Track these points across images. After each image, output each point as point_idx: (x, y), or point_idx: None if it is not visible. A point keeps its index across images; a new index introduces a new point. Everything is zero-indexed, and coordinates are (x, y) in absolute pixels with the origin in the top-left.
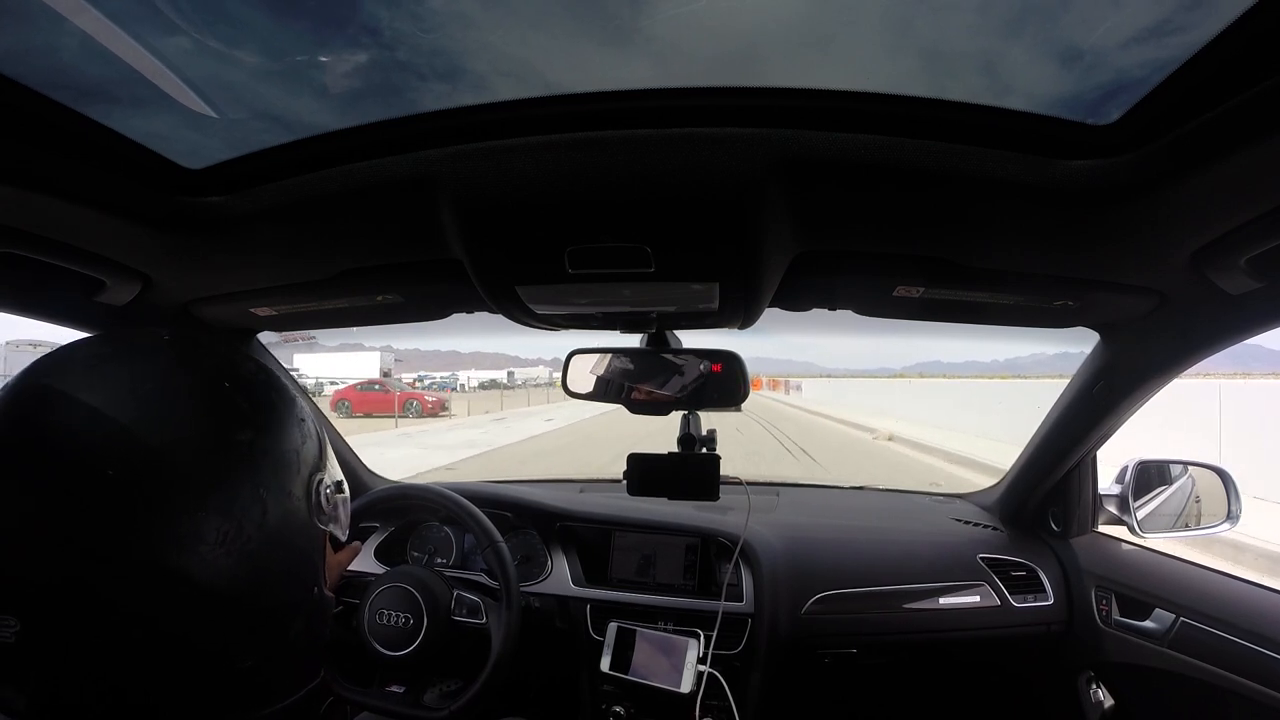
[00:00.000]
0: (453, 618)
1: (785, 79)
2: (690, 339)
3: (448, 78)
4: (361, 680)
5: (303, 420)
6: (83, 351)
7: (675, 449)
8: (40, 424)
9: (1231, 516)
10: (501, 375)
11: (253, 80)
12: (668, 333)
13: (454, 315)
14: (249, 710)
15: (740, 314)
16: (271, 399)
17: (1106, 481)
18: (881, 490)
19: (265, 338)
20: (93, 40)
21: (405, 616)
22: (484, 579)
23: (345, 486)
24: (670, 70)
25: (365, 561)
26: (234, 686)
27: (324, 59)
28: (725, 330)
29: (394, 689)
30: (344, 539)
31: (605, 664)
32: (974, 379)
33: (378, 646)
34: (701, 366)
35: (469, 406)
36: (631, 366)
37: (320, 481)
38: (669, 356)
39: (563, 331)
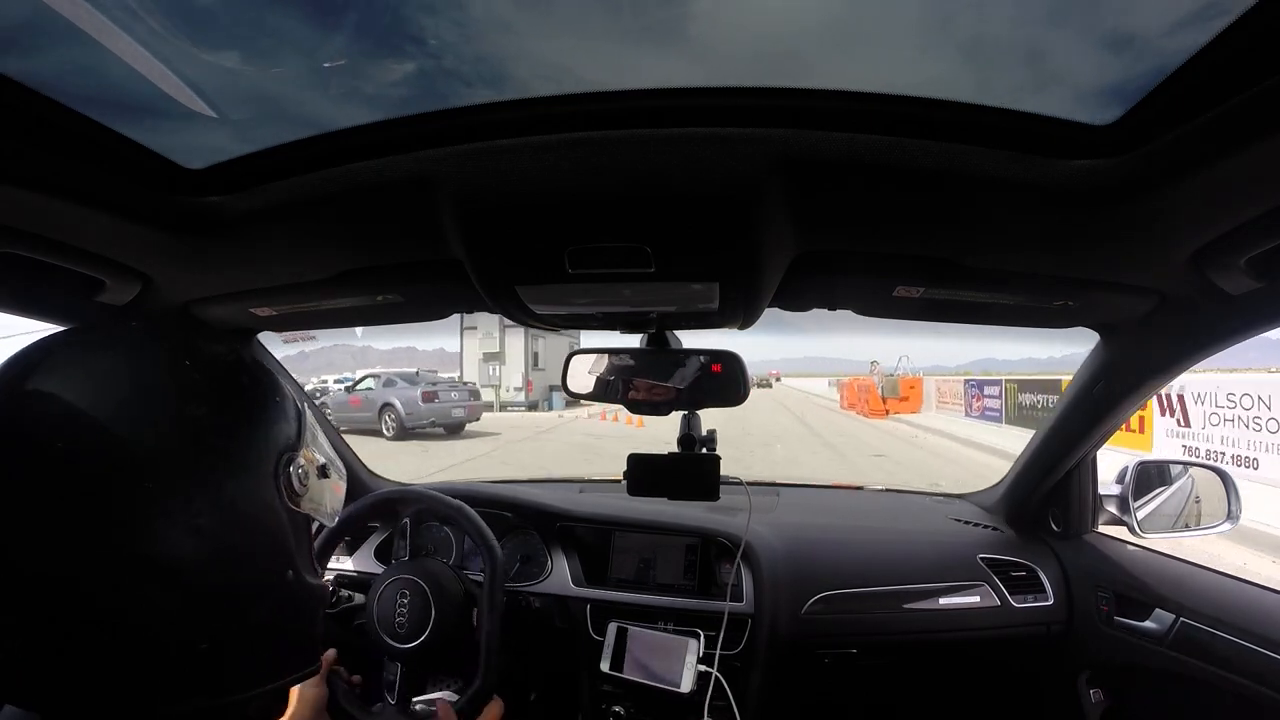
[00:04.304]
0: (464, 603)
1: (786, 79)
2: (690, 339)
3: (492, 83)
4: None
5: (276, 400)
6: (50, 346)
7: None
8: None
9: (1231, 516)
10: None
11: (253, 80)
12: (668, 333)
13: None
14: (209, 695)
15: (740, 314)
16: (238, 379)
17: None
18: (881, 490)
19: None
20: (93, 40)
21: (415, 604)
22: (484, 579)
23: (331, 471)
24: (711, 69)
25: (365, 561)
26: (189, 668)
27: (329, 63)
28: (725, 330)
29: (388, 702)
30: (330, 524)
31: (605, 664)
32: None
33: (386, 639)
34: (701, 366)
35: None
36: (631, 366)
37: (290, 461)
38: (669, 356)
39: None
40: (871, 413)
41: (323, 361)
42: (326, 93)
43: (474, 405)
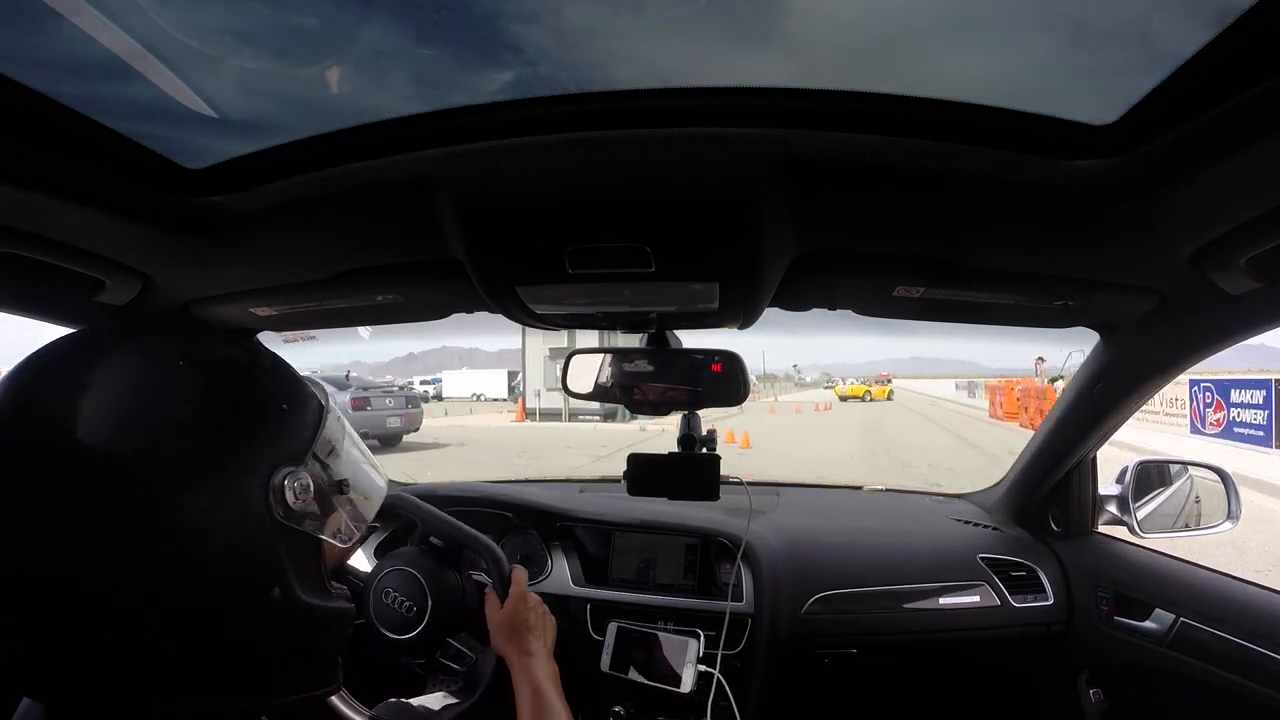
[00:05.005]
0: (461, 599)
1: (881, 76)
2: (690, 339)
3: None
4: (361, 691)
5: (284, 408)
6: (55, 350)
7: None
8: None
9: (1232, 516)
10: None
11: (254, 80)
12: (668, 333)
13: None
14: (199, 699)
15: (740, 314)
16: (239, 384)
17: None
18: (881, 490)
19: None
20: (94, 40)
21: (411, 598)
22: (484, 577)
23: (352, 489)
24: (807, 66)
25: (366, 561)
26: (180, 670)
27: (337, 62)
28: (725, 330)
29: (392, 700)
30: (343, 546)
31: (605, 664)
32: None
33: (384, 631)
34: (702, 366)
35: None
36: (631, 367)
37: (288, 474)
38: (669, 357)
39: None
40: None
41: (432, 363)
42: (292, 84)
43: (411, 414)
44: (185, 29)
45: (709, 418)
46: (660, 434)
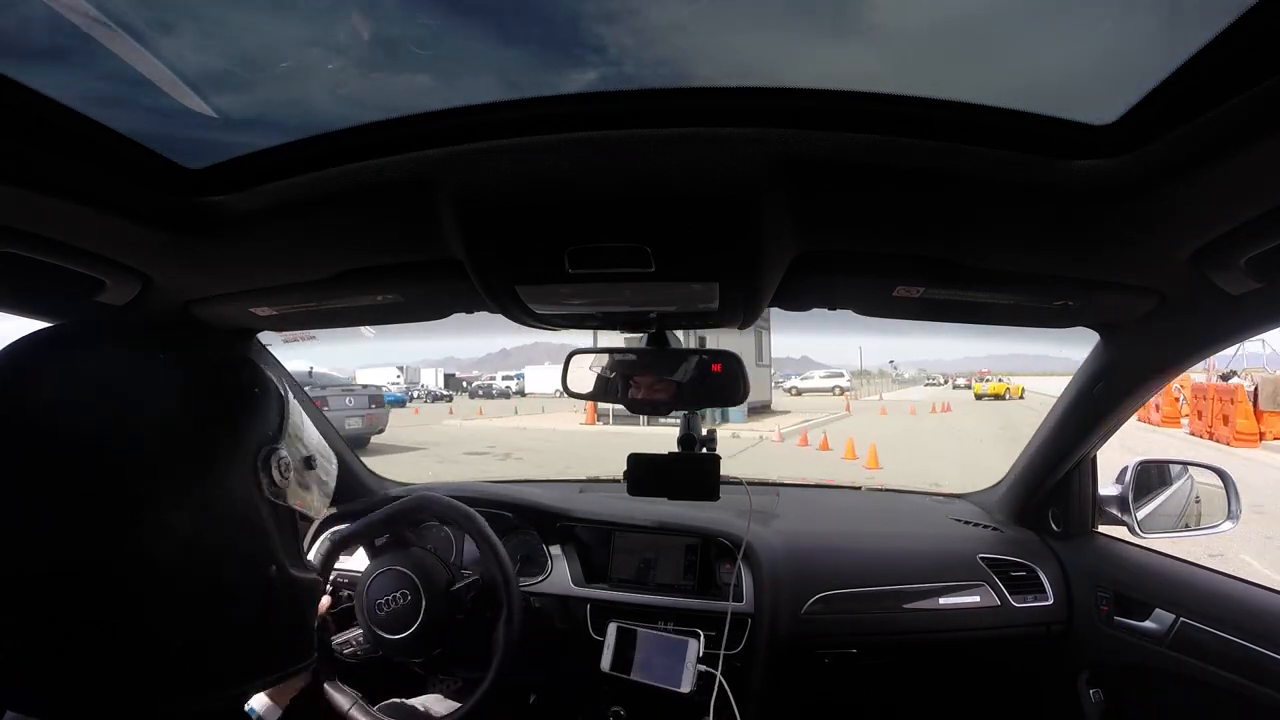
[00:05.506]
0: (451, 590)
1: (954, 72)
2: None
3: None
4: (361, 691)
5: (256, 393)
6: (30, 348)
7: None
8: None
9: (1232, 516)
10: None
11: (255, 80)
12: (668, 333)
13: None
14: (203, 691)
15: (740, 314)
16: (217, 374)
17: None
18: (881, 490)
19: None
20: (94, 40)
21: (403, 594)
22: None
23: (319, 463)
24: (896, 62)
25: (365, 562)
26: (181, 666)
27: (336, 60)
28: (725, 330)
29: (392, 700)
30: (317, 518)
31: (605, 664)
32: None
33: (380, 632)
34: (701, 365)
35: None
36: (632, 366)
37: (270, 454)
38: (669, 356)
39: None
40: (1237, 436)
41: (524, 358)
42: (292, 84)
43: (374, 414)
44: (193, 33)
45: (815, 421)
46: (758, 442)
